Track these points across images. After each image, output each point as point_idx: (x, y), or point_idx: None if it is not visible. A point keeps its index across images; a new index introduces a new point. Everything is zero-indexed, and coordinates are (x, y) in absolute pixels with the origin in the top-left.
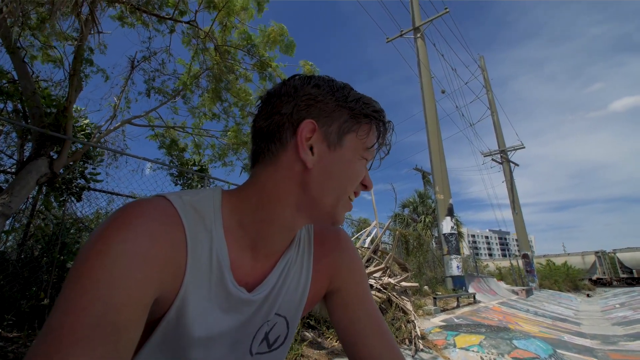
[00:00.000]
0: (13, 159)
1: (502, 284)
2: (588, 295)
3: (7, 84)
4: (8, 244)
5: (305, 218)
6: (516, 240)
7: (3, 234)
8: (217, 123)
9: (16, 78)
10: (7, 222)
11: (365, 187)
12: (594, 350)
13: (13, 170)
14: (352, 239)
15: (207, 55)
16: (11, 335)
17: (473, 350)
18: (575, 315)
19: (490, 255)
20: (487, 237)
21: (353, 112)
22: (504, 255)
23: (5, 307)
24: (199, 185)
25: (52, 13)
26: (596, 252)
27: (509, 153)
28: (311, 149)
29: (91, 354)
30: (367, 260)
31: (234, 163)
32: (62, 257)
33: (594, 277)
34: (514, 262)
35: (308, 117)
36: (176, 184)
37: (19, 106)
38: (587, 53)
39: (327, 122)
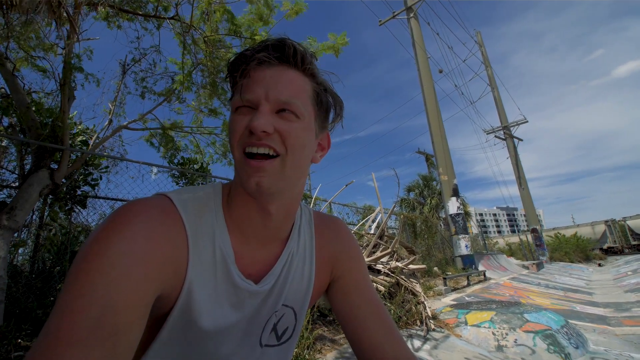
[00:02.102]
0: (15, 173)
1: (512, 259)
2: (599, 265)
3: (0, 99)
4: (20, 257)
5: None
6: (524, 215)
7: (13, 248)
8: (213, 119)
9: (8, 92)
10: (15, 235)
11: (250, 131)
12: (607, 318)
13: (16, 184)
14: (357, 225)
15: (198, 48)
16: (30, 344)
17: (484, 327)
18: (587, 285)
19: (499, 232)
20: (494, 215)
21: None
22: (513, 232)
23: (22, 317)
24: (202, 184)
25: (27, 20)
26: (606, 221)
27: (512, 128)
28: None
29: (89, 355)
30: (374, 246)
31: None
32: None
33: (605, 246)
34: (523, 238)
35: None
36: (177, 184)
37: (15, 120)
38: (586, 20)
39: None
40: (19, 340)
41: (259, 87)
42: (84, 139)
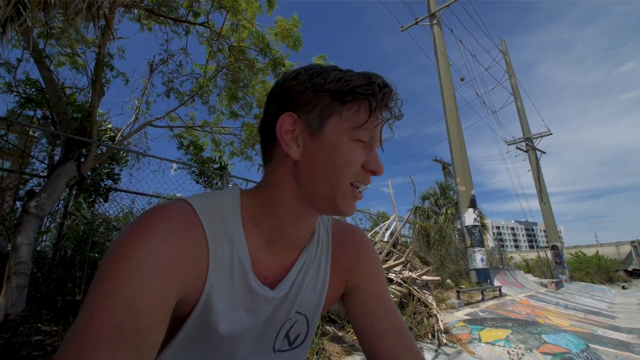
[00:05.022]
0: (44, 163)
1: (529, 276)
2: (624, 287)
3: (35, 92)
4: (44, 244)
5: (312, 209)
6: (544, 231)
7: (38, 235)
8: (234, 122)
9: (43, 86)
10: (41, 223)
11: (373, 172)
12: (631, 345)
13: (44, 174)
14: (370, 232)
15: (223, 54)
16: (49, 329)
17: (499, 345)
18: (610, 308)
19: (516, 247)
20: (512, 229)
21: (333, 94)
22: (531, 247)
23: (43, 302)
24: (219, 183)
25: (67, 20)
26: (632, 242)
27: (534, 140)
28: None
29: (114, 356)
30: (387, 254)
31: (254, 158)
32: (93, 255)
33: (630, 268)
34: (542, 254)
35: (289, 110)
36: (197, 182)
37: (48, 113)
38: (616, 32)
39: (308, 110)
40: (39, 325)
41: (380, 130)
42: (112, 135)
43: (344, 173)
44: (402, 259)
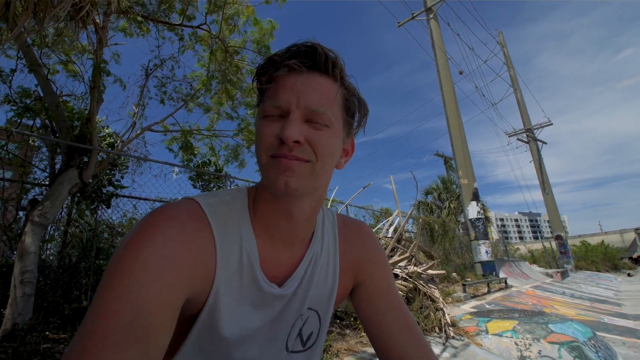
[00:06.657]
0: (46, 172)
1: (535, 267)
2: (629, 275)
3: (33, 102)
4: (49, 252)
5: (273, 197)
6: (548, 221)
7: (42, 243)
8: (230, 123)
9: (41, 95)
10: (45, 231)
11: (280, 141)
12: (637, 331)
13: (46, 182)
14: (374, 229)
15: (218, 56)
16: (57, 337)
17: (507, 336)
18: (616, 296)
19: (520, 238)
20: (516, 220)
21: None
22: (536, 238)
23: (50, 310)
24: (216, 187)
25: (54, 22)
26: (636, 229)
27: (535, 131)
28: None
29: (121, 357)
30: (392, 250)
31: (246, 161)
32: (98, 262)
33: (635, 255)
34: (547, 244)
35: None
36: (194, 187)
37: (47, 121)
38: (616, 20)
39: None
40: (47, 333)
41: (289, 94)
42: (111, 141)
43: (260, 149)
44: (407, 254)
